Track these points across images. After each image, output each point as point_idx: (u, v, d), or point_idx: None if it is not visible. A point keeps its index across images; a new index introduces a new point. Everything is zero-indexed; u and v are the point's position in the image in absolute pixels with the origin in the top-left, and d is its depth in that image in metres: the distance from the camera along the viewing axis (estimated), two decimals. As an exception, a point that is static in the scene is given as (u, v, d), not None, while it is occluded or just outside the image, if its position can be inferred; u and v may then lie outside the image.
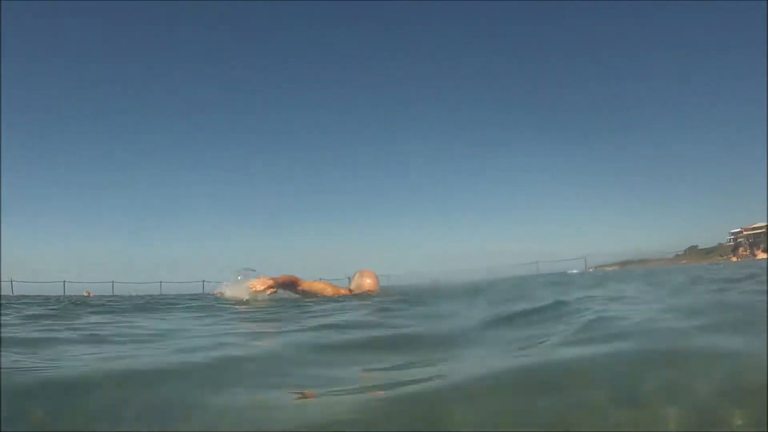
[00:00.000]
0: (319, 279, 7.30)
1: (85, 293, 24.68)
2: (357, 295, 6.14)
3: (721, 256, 49.16)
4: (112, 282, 30.61)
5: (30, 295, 17.35)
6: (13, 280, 27.27)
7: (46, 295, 17.80)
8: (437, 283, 9.69)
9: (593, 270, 33.56)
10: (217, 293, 5.78)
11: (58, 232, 50.43)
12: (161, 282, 30.99)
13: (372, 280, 6.69)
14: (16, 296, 18.30)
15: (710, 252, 53.61)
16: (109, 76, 49.96)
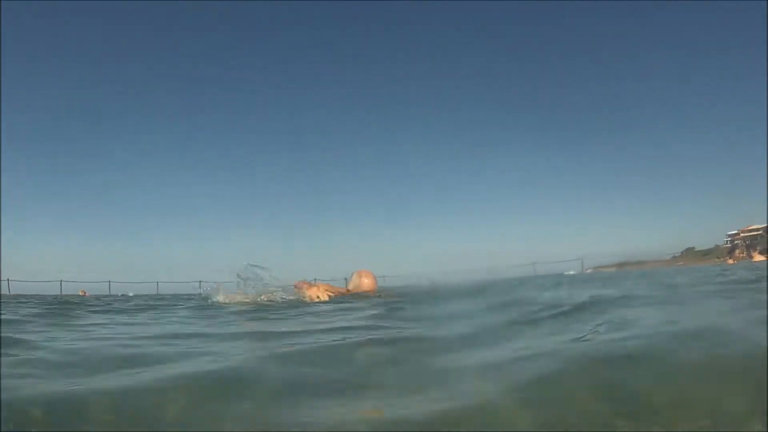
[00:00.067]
0: (315, 280, 7.29)
1: (80, 293, 24.59)
2: (355, 294, 6.13)
3: (718, 258, 49.23)
4: (109, 282, 30.52)
5: (26, 295, 17.27)
6: (9, 280, 27.16)
7: (43, 295, 17.73)
8: (435, 284, 9.67)
9: (591, 271, 33.56)
10: (209, 290, 5.70)
11: (56, 232, 50.23)
12: (158, 282, 30.90)
13: (370, 281, 6.70)
14: (13, 295, 18.23)
15: (707, 254, 53.69)
16: (108, 76, 49.77)
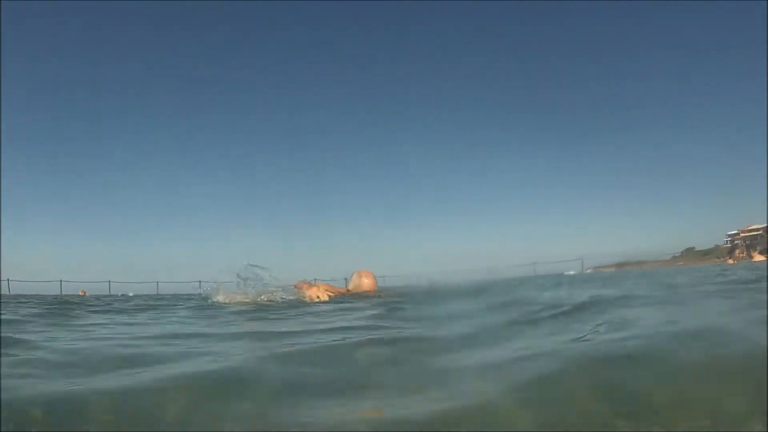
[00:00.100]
0: (315, 280, 7.29)
1: (80, 293, 24.59)
2: (355, 294, 6.14)
3: (718, 258, 49.22)
4: (109, 281, 30.52)
5: (26, 295, 17.27)
6: (9, 280, 27.15)
7: (43, 295, 17.73)
8: (435, 284, 9.67)
9: (590, 271, 33.55)
10: (208, 290, 5.71)
11: (56, 233, 50.20)
12: (158, 282, 30.89)
13: (370, 280, 6.70)
14: (13, 295, 18.23)
15: (707, 254, 53.69)
16: (108, 76, 49.74)
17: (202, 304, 5.10)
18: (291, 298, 5.39)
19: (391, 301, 4.59)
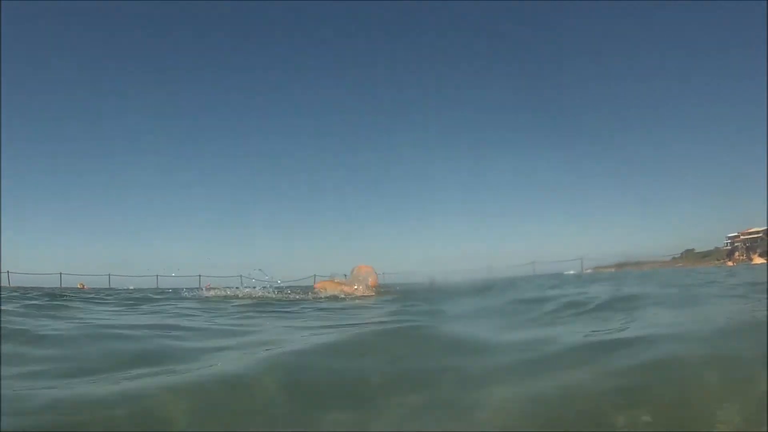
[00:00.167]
0: (314, 276, 7.28)
1: (79, 285, 24.52)
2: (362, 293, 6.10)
3: (718, 260, 49.25)
4: (109, 275, 30.43)
5: (25, 287, 17.23)
6: (10, 272, 27.11)
7: (42, 287, 17.70)
8: (434, 283, 9.66)
9: (590, 271, 33.50)
10: (208, 286, 5.82)
11: (57, 230, 50.10)
12: (158, 276, 30.83)
13: (371, 276, 6.67)
14: (13, 287, 18.20)
15: (706, 255, 53.68)
16: (108, 75, 49.50)
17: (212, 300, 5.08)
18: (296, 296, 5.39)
19: (398, 298, 4.55)
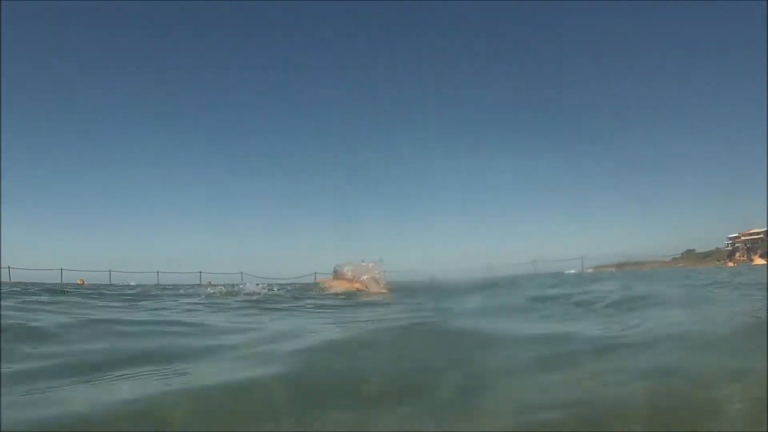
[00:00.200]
0: (314, 273, 7.30)
1: (79, 281, 24.53)
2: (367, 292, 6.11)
3: (719, 261, 49.23)
4: (110, 271, 30.43)
5: (25, 283, 17.23)
6: (11, 267, 27.12)
7: (42, 283, 17.71)
8: (435, 281, 9.66)
9: (591, 271, 33.48)
10: (209, 282, 5.87)
11: (58, 228, 50.12)
12: (158, 272, 30.83)
13: (380, 273, 6.70)
14: (14, 283, 18.21)
15: (707, 256, 53.65)
16: (108, 74, 49.32)
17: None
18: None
19: (410, 295, 4.53)
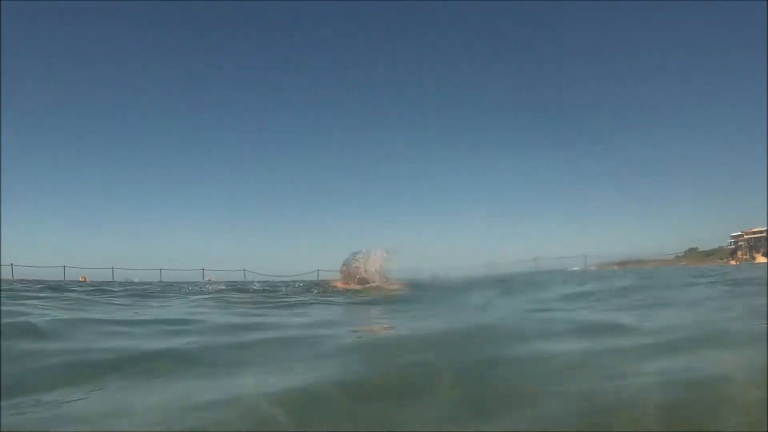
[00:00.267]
0: (317, 270, 7.27)
1: (80, 278, 24.51)
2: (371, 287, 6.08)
3: (721, 259, 49.12)
4: (112, 268, 30.42)
5: (28, 280, 17.23)
6: (13, 264, 27.15)
7: (45, 280, 17.71)
8: (436, 278, 9.61)
9: (595, 269, 33.38)
10: (209, 280, 5.86)
11: (60, 225, 50.23)
12: (161, 269, 30.83)
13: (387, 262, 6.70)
14: (17, 280, 18.22)
15: (710, 254, 53.50)
16: (109, 73, 49.26)
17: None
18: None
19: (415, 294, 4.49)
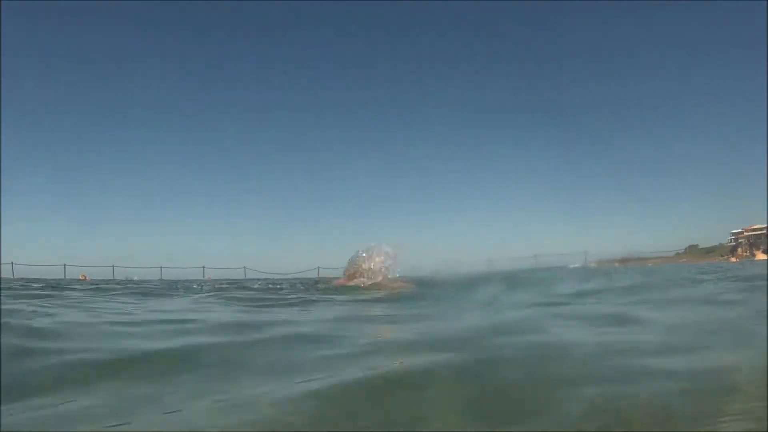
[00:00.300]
0: (317, 268, 7.24)
1: (80, 277, 24.43)
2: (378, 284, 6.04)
3: (722, 256, 49.16)
4: (113, 266, 30.34)
5: (28, 278, 17.18)
6: (14, 263, 27.10)
7: (45, 279, 17.66)
8: (437, 275, 9.58)
9: (595, 265, 33.35)
10: (209, 277, 5.86)
11: (60, 224, 50.28)
12: (161, 267, 30.76)
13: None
14: (17, 279, 18.17)
15: (710, 251, 53.54)
16: (110, 72, 49.30)
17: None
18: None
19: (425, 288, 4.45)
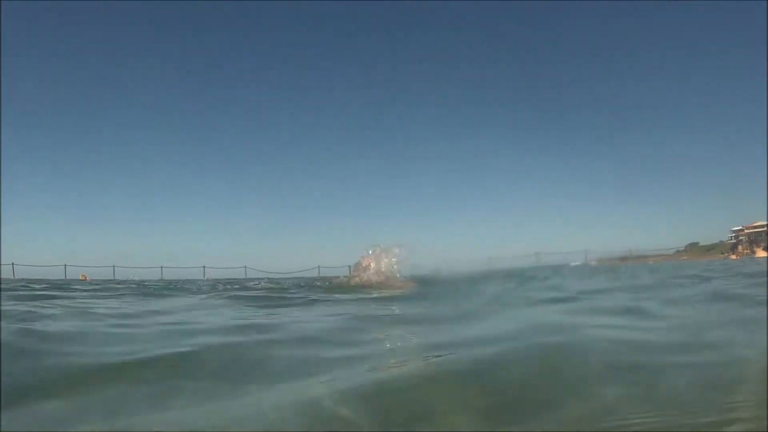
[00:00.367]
0: (318, 267, 7.24)
1: (80, 277, 24.40)
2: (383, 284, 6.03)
3: (722, 254, 49.13)
4: (113, 266, 30.32)
5: (29, 279, 17.16)
6: (14, 264, 27.10)
7: (46, 279, 17.64)
8: (439, 273, 9.58)
9: (596, 263, 33.36)
10: (209, 277, 5.84)
11: (61, 223, 50.28)
12: (162, 267, 30.74)
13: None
14: (18, 279, 18.14)
15: (710, 249, 53.52)
16: (111, 70, 49.28)
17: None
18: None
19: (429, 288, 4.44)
